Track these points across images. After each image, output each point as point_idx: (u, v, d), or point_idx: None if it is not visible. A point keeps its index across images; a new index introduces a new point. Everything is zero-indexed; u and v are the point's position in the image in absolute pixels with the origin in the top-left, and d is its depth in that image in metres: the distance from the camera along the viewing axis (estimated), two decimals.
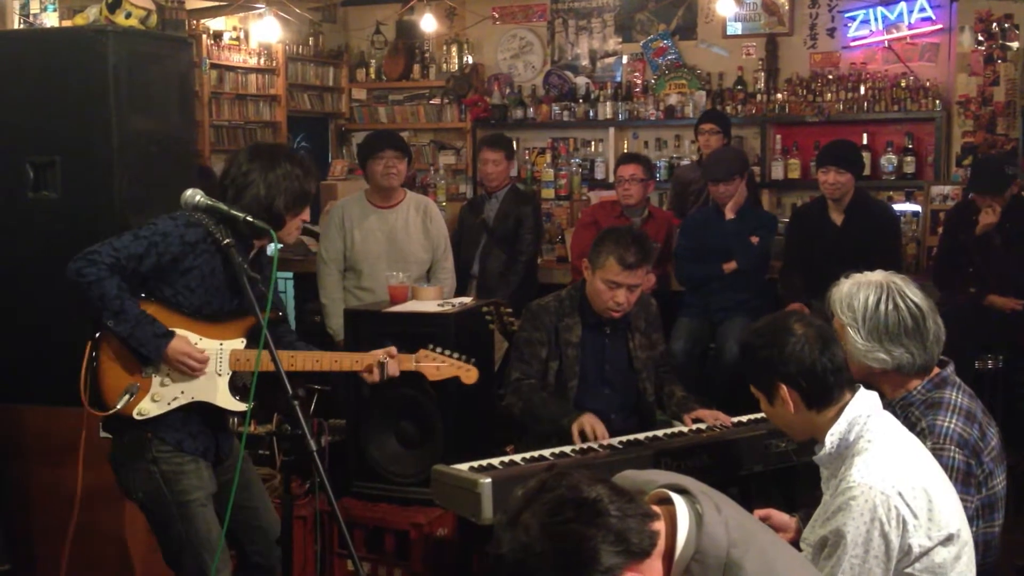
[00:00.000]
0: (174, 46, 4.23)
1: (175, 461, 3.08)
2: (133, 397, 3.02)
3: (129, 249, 2.94)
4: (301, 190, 3.13)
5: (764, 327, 2.53)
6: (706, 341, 5.67)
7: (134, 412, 3.03)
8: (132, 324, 2.94)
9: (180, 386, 3.06)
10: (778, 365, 2.44)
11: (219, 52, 7.69)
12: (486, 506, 3.13)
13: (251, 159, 3.11)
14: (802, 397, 2.44)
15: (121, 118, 3.83)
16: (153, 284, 3.03)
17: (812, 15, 7.83)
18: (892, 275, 2.70)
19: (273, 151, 3.19)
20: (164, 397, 3.05)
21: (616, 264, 3.76)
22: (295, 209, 3.14)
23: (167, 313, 3.03)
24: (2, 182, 3.95)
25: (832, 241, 5.43)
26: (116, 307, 2.92)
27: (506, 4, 8.71)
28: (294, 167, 3.12)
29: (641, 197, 5.92)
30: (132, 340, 2.97)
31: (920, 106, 7.37)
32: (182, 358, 3.00)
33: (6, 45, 4.12)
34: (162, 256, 2.97)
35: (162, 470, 3.07)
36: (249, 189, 3.07)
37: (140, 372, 3.04)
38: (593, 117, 8.33)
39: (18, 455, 3.98)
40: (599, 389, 3.99)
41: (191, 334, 3.05)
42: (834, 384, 2.43)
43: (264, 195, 3.07)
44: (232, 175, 3.12)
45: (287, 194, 3.09)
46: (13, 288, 3.97)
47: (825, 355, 2.43)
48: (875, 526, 2.25)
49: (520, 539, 1.66)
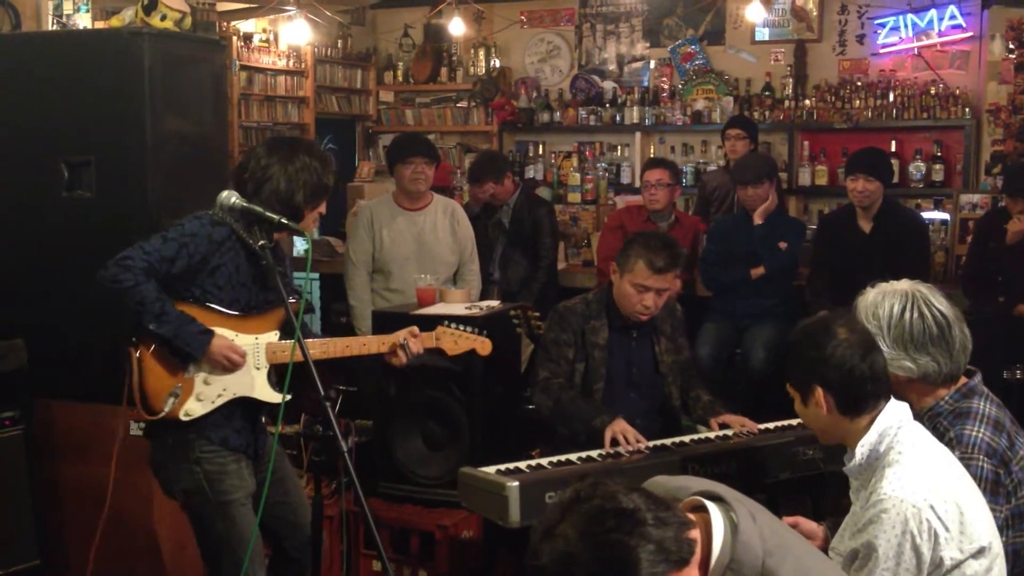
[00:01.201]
0: (208, 48, 4.27)
1: (218, 461, 3.11)
2: (178, 399, 3.04)
3: (161, 252, 2.97)
4: (319, 183, 3.15)
5: (808, 326, 2.52)
6: (732, 346, 5.66)
7: (180, 414, 3.05)
8: (175, 325, 2.96)
9: (222, 383, 3.09)
10: (817, 367, 2.43)
11: (249, 54, 7.74)
12: (513, 509, 3.14)
13: (270, 153, 3.13)
14: (836, 402, 2.43)
15: (155, 119, 3.88)
16: (183, 285, 3.04)
17: (841, 21, 7.81)
18: (918, 284, 2.69)
19: (291, 145, 3.21)
20: (208, 396, 3.08)
21: (645, 268, 3.77)
22: (313, 202, 3.16)
23: (201, 312, 3.06)
24: (37, 182, 4.01)
25: (860, 249, 5.41)
26: (157, 309, 2.94)
27: (534, 8, 8.72)
28: (312, 160, 3.14)
29: (667, 202, 5.92)
30: (177, 340, 2.98)
31: (949, 114, 7.33)
32: (225, 353, 3.03)
33: (44, 46, 4.17)
34: (192, 256, 2.99)
35: (205, 470, 3.09)
36: (268, 183, 3.08)
37: (182, 373, 3.06)
38: (620, 121, 8.33)
39: (48, 451, 4.03)
40: (624, 392, 4.00)
41: (227, 331, 3.08)
42: (871, 392, 2.42)
43: (284, 189, 3.08)
44: (251, 169, 3.12)
45: (306, 187, 3.11)
46: (47, 286, 4.02)
47: (865, 361, 2.41)
48: (907, 539, 2.24)
49: (560, 549, 1.65)
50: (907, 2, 7.51)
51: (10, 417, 3.93)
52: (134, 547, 3.96)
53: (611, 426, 3.60)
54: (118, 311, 3.88)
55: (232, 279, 3.08)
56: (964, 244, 6.20)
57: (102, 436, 3.97)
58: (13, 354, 3.93)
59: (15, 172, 4.09)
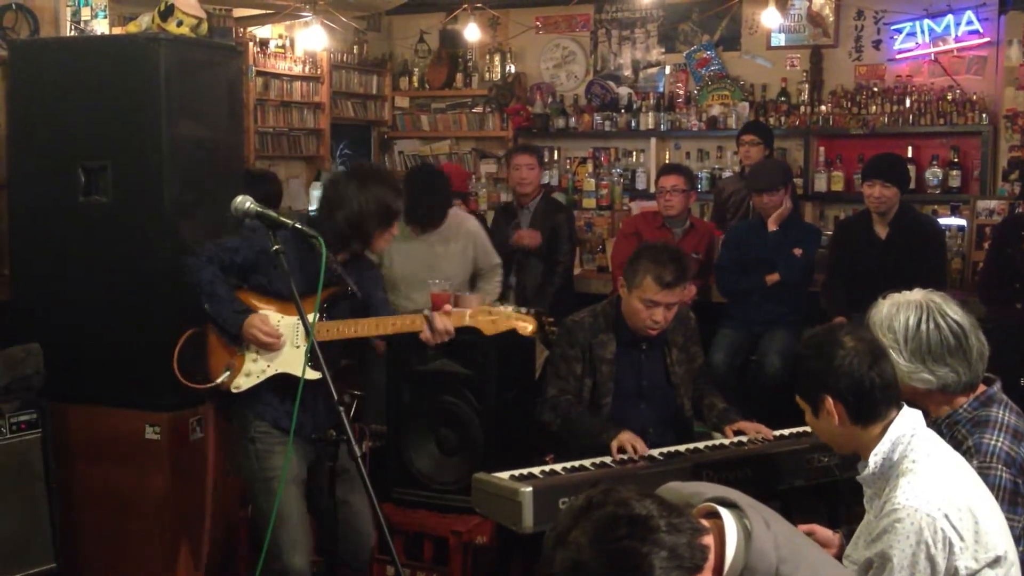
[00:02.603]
0: (224, 54, 4.29)
1: (269, 441, 3.40)
2: (230, 373, 3.38)
3: (227, 243, 3.37)
4: (388, 209, 3.46)
5: (814, 338, 2.51)
6: (747, 353, 5.64)
7: (231, 386, 3.39)
8: (219, 305, 3.32)
9: (266, 360, 3.39)
10: (826, 377, 2.42)
11: (265, 60, 7.76)
12: (527, 515, 3.14)
13: (347, 180, 3.49)
14: (847, 411, 2.42)
15: (171, 124, 3.90)
16: (251, 275, 3.40)
17: (858, 27, 7.78)
18: (931, 293, 2.67)
19: (366, 173, 3.53)
20: (253, 371, 3.39)
21: (654, 283, 3.72)
22: (382, 226, 3.47)
23: (259, 298, 3.40)
24: (54, 186, 4.03)
25: (876, 255, 5.38)
26: (209, 291, 3.31)
27: (549, 14, 8.72)
28: (384, 188, 3.46)
29: (682, 208, 5.91)
30: (218, 318, 3.34)
31: (966, 120, 7.29)
32: (255, 332, 3.31)
33: (61, 52, 4.20)
34: (252, 248, 3.33)
35: (257, 448, 3.41)
36: (342, 208, 3.41)
37: (236, 351, 3.39)
38: (635, 127, 8.31)
39: (65, 455, 4.04)
40: (635, 405, 3.96)
41: (275, 313, 3.38)
42: (881, 400, 2.40)
43: (356, 213, 3.41)
44: (329, 195, 3.50)
45: (376, 214, 3.43)
46: (63, 290, 4.04)
47: (874, 370, 2.39)
48: (921, 549, 2.22)
49: (572, 556, 1.65)
50: (924, 7, 7.48)
51: (27, 421, 3.95)
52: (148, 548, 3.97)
53: (617, 436, 3.59)
54: (134, 315, 3.93)
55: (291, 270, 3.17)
56: (981, 250, 6.16)
57: (118, 440, 4.00)
58: (30, 358, 3.96)
59: (33, 177, 4.12)
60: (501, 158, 8.89)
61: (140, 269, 3.93)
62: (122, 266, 3.95)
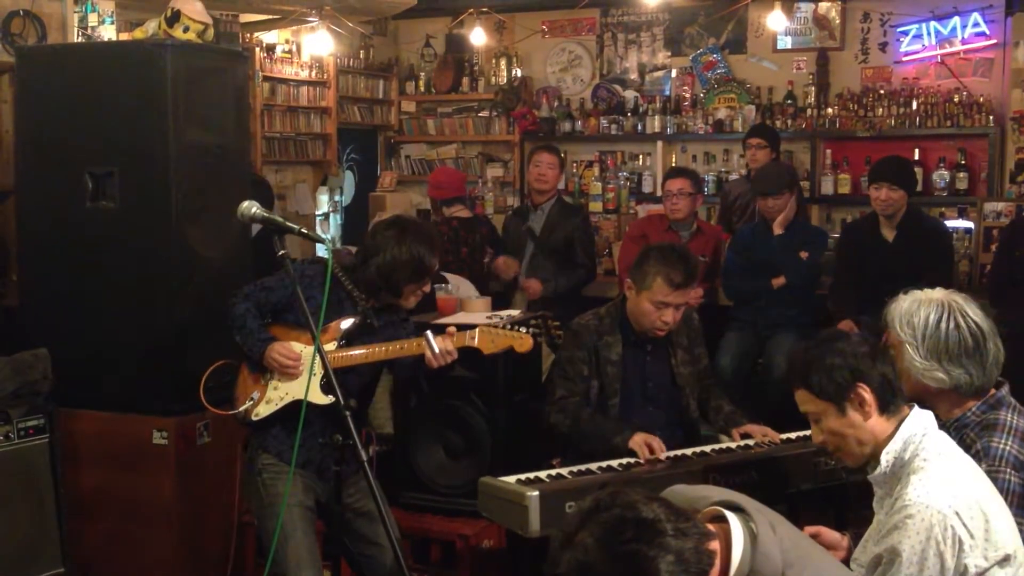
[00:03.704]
0: (230, 59, 4.30)
1: (274, 470, 3.43)
2: (254, 403, 3.44)
3: (265, 283, 3.46)
4: (422, 264, 3.42)
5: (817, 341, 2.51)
6: (754, 356, 5.64)
7: (252, 415, 3.45)
8: (247, 334, 3.40)
9: (285, 388, 3.43)
10: (857, 366, 2.41)
11: (271, 65, 7.78)
12: (533, 519, 3.14)
13: (386, 229, 3.47)
14: (878, 400, 2.40)
15: (178, 130, 3.91)
16: (285, 312, 3.46)
17: (864, 30, 7.77)
18: (953, 293, 2.66)
19: (406, 225, 3.50)
20: (273, 399, 3.44)
21: (664, 285, 3.71)
22: (413, 281, 3.44)
23: (283, 328, 3.45)
24: (61, 192, 4.05)
25: (883, 257, 5.38)
26: (240, 323, 3.39)
27: (555, 18, 8.73)
28: (421, 243, 3.42)
29: (689, 211, 5.91)
30: (244, 347, 3.41)
31: (973, 122, 7.27)
32: (275, 356, 3.37)
33: (69, 58, 4.22)
34: (286, 287, 3.37)
35: (263, 479, 3.45)
36: (376, 257, 3.41)
37: (261, 382, 3.46)
38: (641, 131, 8.31)
39: (73, 459, 4.05)
40: (642, 406, 3.96)
41: (298, 343, 3.42)
42: (899, 389, 2.44)
43: (388, 264, 3.39)
44: (367, 242, 3.51)
45: (408, 267, 3.40)
46: (71, 295, 4.05)
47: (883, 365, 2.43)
48: (931, 545, 2.22)
49: (579, 558, 1.65)
50: (930, 10, 7.47)
51: (35, 426, 3.96)
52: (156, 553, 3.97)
53: (633, 438, 3.59)
54: (142, 321, 3.94)
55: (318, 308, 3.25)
56: (988, 253, 6.16)
57: (126, 445, 4.01)
58: (38, 363, 3.97)
59: (40, 183, 4.14)
60: (508, 162, 8.90)
61: (147, 274, 3.94)
62: (129, 271, 3.96)
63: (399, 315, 3.59)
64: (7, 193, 4.46)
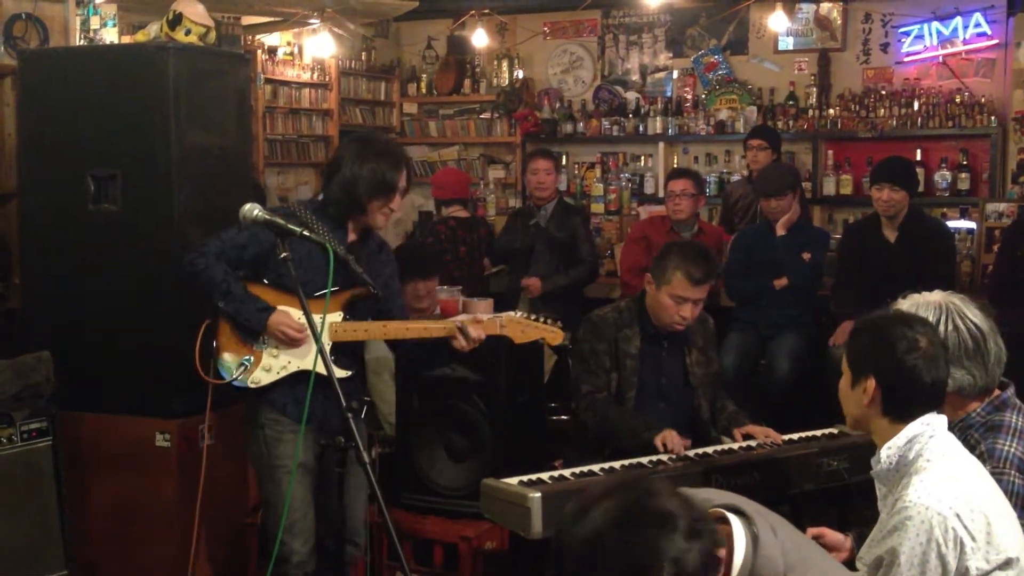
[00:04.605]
0: (232, 62, 4.30)
1: (277, 428, 3.41)
2: (247, 368, 3.37)
3: (234, 239, 3.34)
4: (384, 180, 3.38)
5: (892, 318, 2.47)
6: (756, 357, 5.64)
7: (249, 382, 3.39)
8: (238, 303, 3.32)
9: (287, 356, 3.38)
10: (881, 361, 2.39)
11: (273, 67, 7.79)
12: (535, 520, 3.15)
13: (346, 145, 3.47)
14: (884, 400, 2.39)
15: (180, 132, 3.91)
16: (261, 269, 3.39)
17: (865, 30, 7.77)
18: (951, 295, 2.65)
19: (366, 143, 3.48)
20: (273, 367, 3.39)
21: (684, 279, 3.78)
22: (378, 198, 3.38)
23: (273, 293, 3.37)
24: (64, 194, 4.05)
25: (885, 258, 5.38)
26: (224, 289, 3.30)
27: (557, 19, 8.74)
28: (382, 159, 3.38)
29: (691, 212, 5.91)
30: (239, 317, 3.34)
31: (975, 122, 7.28)
32: (282, 328, 3.32)
33: (71, 61, 4.22)
34: (262, 243, 3.30)
35: (266, 435, 3.42)
36: (338, 174, 3.38)
37: (252, 346, 3.39)
38: (643, 132, 8.32)
39: (76, 462, 4.05)
40: (655, 403, 3.99)
41: (295, 310, 3.33)
42: (920, 404, 2.38)
43: (348, 179, 3.36)
44: (330, 160, 3.50)
45: (369, 183, 3.35)
46: (74, 298, 4.06)
47: (931, 375, 2.37)
48: (932, 547, 2.22)
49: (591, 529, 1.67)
50: (931, 10, 7.47)
51: (38, 428, 3.96)
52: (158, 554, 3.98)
53: (661, 434, 3.63)
54: (144, 323, 3.94)
55: (303, 264, 3.24)
56: (991, 253, 6.15)
57: (129, 447, 4.01)
58: (41, 366, 3.97)
59: (43, 185, 4.14)
60: (509, 164, 8.90)
61: (150, 276, 3.93)
62: (132, 274, 3.96)
63: (372, 245, 3.54)
64: (9, 195, 4.47)
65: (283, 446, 3.39)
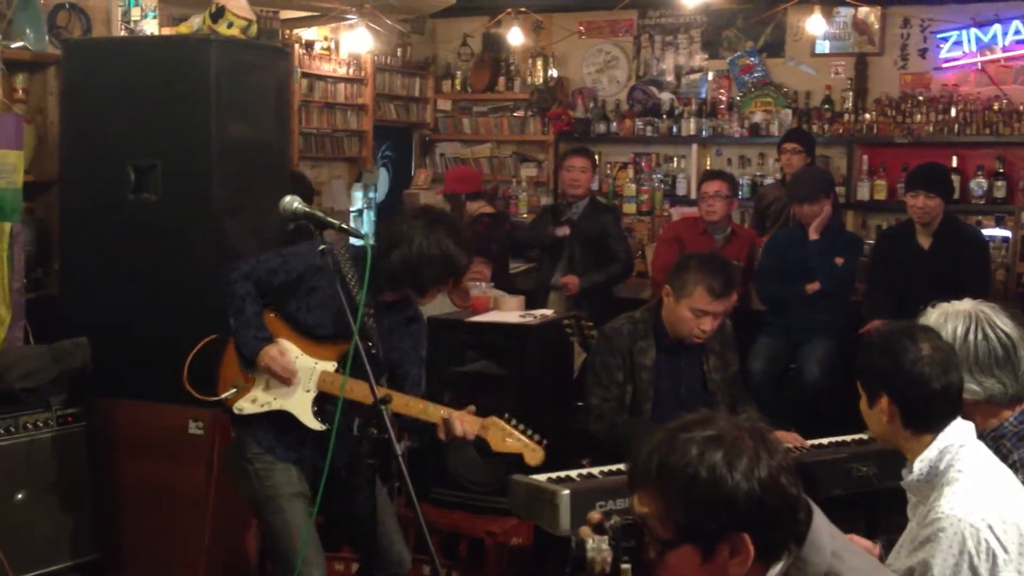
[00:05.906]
0: (273, 55, 4.34)
1: (266, 460, 3.28)
2: (237, 392, 3.26)
3: (266, 264, 3.23)
4: (451, 262, 3.17)
5: (892, 332, 2.46)
6: (786, 361, 5.62)
7: (234, 407, 3.28)
8: (242, 324, 3.21)
9: (274, 393, 3.26)
10: (889, 377, 2.38)
11: (310, 61, 7.84)
12: (564, 517, 3.15)
13: (413, 218, 3.20)
14: (902, 416, 2.39)
15: (220, 125, 3.95)
16: (284, 298, 3.25)
17: (903, 35, 7.72)
18: (980, 303, 2.64)
19: (437, 217, 3.26)
20: (259, 400, 3.26)
21: (705, 294, 3.74)
22: (439, 280, 3.21)
23: (283, 324, 3.25)
24: (105, 184, 4.10)
25: (919, 265, 5.35)
26: (237, 306, 3.20)
27: (593, 19, 8.73)
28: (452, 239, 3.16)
29: (725, 214, 5.90)
30: (238, 338, 3.23)
31: (1013, 130, 7.21)
32: (270, 363, 3.19)
33: (115, 52, 4.28)
34: (289, 273, 3.21)
35: (255, 467, 3.28)
36: (400, 247, 3.13)
37: (249, 372, 3.27)
38: (677, 133, 8.30)
39: (110, 447, 4.11)
40: (674, 412, 3.94)
41: (295, 348, 3.24)
42: (938, 412, 2.37)
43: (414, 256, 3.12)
44: (389, 231, 3.21)
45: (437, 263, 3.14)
46: (112, 286, 4.11)
47: (941, 381, 2.35)
48: (964, 559, 2.20)
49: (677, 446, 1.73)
50: (971, 16, 7.41)
51: (73, 414, 4.02)
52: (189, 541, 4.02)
53: None
54: (180, 312, 3.98)
55: (326, 304, 3.18)
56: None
57: (162, 434, 4.05)
58: (78, 352, 4.03)
59: (84, 174, 4.20)
60: (542, 162, 8.91)
61: (187, 266, 3.98)
62: (169, 263, 4.01)
63: (405, 313, 3.36)
64: (51, 183, 4.53)
65: (277, 474, 3.26)
